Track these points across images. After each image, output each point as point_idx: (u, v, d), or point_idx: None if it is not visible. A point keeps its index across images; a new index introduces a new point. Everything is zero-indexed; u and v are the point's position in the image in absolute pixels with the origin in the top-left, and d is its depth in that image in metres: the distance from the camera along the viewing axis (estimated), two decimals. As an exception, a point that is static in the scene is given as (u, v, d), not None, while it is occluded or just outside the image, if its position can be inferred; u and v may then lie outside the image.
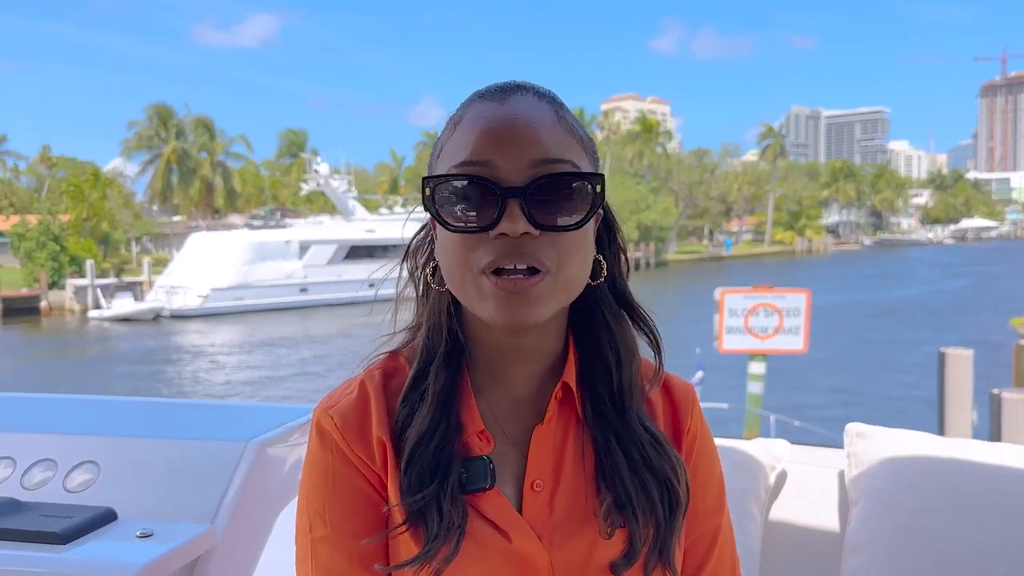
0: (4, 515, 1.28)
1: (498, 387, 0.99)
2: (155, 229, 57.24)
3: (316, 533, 0.96)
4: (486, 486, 0.93)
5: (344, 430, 0.96)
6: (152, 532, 1.27)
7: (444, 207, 0.90)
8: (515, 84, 0.96)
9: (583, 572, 0.93)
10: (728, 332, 11.58)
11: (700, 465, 1.04)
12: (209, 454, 1.42)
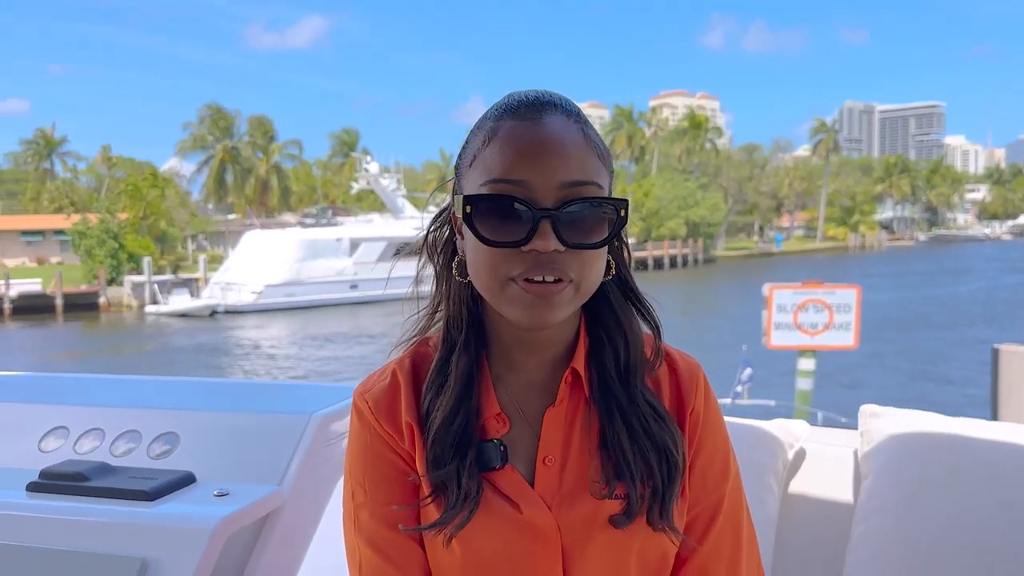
0: (99, 477, 1.44)
1: (514, 374, 1.11)
2: (210, 227, 58.36)
3: (357, 500, 1.11)
4: (496, 466, 1.06)
5: (376, 412, 1.10)
6: (227, 492, 1.42)
7: (480, 221, 1.00)
8: (545, 100, 1.03)
9: (588, 531, 1.04)
10: (777, 328, 11.53)
11: (706, 440, 1.12)
12: (277, 425, 1.56)
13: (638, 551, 1.06)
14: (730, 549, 1.12)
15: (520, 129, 1.00)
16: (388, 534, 1.08)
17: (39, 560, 1.31)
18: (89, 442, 1.62)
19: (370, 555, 1.09)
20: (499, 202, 0.99)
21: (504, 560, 1.04)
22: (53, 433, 1.65)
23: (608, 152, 1.06)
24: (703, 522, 1.11)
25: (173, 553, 1.28)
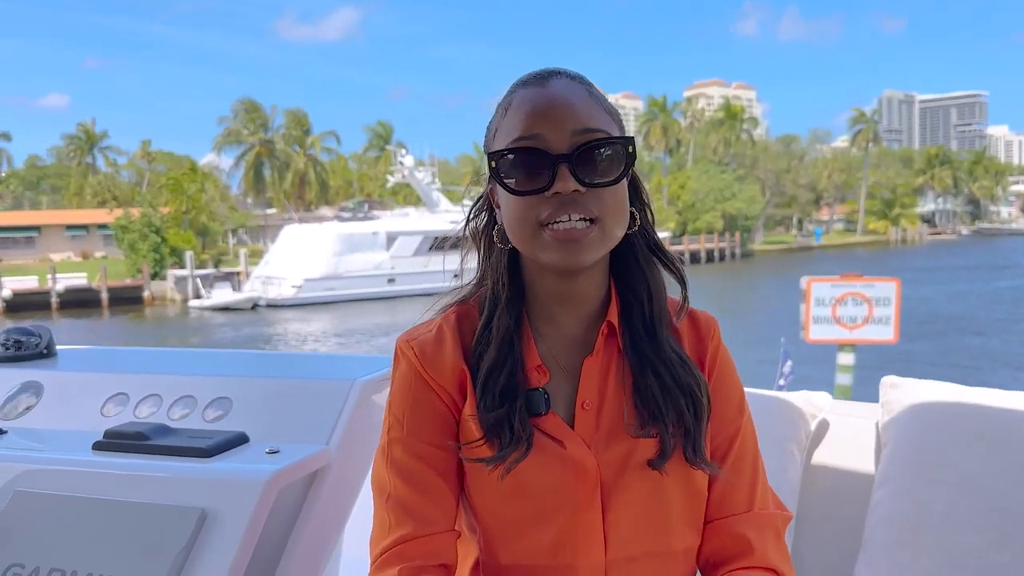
0: (159, 436, 1.55)
1: (552, 329, 1.22)
2: (250, 221, 59.17)
3: (392, 434, 1.21)
4: (542, 412, 1.16)
5: (421, 358, 1.21)
6: (279, 450, 1.51)
7: (507, 176, 1.12)
8: (550, 70, 1.17)
9: (624, 470, 1.16)
10: (815, 322, 11.46)
11: (721, 381, 1.24)
12: (323, 390, 1.66)
13: (675, 487, 1.17)
14: (749, 472, 1.24)
15: (531, 93, 1.13)
16: (422, 468, 1.18)
17: (107, 510, 1.41)
18: (147, 407, 1.73)
19: (401, 485, 1.17)
20: (519, 154, 1.10)
21: (549, 492, 1.14)
22: (113, 399, 1.76)
23: (615, 110, 1.18)
24: (722, 450, 1.22)
25: (230, 504, 1.38)
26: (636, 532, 1.16)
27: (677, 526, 1.18)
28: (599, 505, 1.15)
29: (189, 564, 1.32)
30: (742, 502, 1.22)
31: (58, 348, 2.05)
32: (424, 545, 1.15)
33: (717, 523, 1.21)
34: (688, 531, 1.20)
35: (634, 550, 1.17)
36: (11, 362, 1.96)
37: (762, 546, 1.19)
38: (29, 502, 1.46)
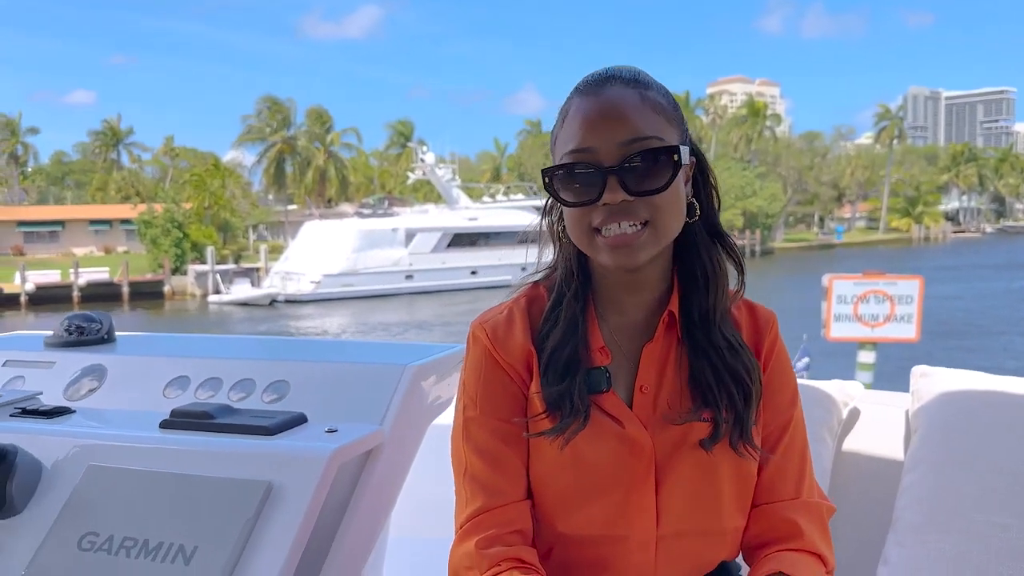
0: (223, 416, 1.63)
1: (616, 314, 1.29)
2: (271, 217, 59.58)
3: (468, 413, 1.29)
4: (604, 389, 1.24)
5: (493, 339, 1.29)
6: (336, 429, 1.59)
7: (560, 188, 1.20)
8: (607, 75, 1.21)
9: (677, 450, 1.23)
10: (836, 320, 11.43)
11: (776, 373, 1.31)
12: (376, 374, 1.73)
13: (726, 469, 1.24)
14: (797, 461, 1.30)
15: (584, 104, 1.19)
16: (494, 444, 1.26)
17: (177, 483, 1.50)
18: (207, 390, 1.81)
19: (476, 461, 1.26)
20: (569, 169, 1.18)
21: (606, 466, 1.22)
22: (175, 382, 1.85)
23: (672, 105, 1.22)
24: (774, 438, 1.29)
25: (294, 478, 1.45)
26: (687, 509, 1.24)
27: (727, 506, 1.25)
28: (653, 482, 1.23)
29: (256, 534, 1.40)
30: (790, 489, 1.28)
31: (117, 335, 2.15)
32: (498, 516, 1.24)
33: (764, 507, 1.28)
34: (736, 512, 1.27)
35: (685, 526, 1.24)
36: (74, 347, 2.05)
37: (809, 532, 1.26)
38: (102, 475, 1.55)
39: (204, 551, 1.39)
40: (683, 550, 1.25)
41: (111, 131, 70.90)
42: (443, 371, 1.83)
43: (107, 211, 57.89)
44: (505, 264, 40.11)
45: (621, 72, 1.21)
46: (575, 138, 1.17)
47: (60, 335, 2.10)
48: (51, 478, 1.58)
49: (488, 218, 41.52)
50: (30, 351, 2.05)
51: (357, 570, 1.60)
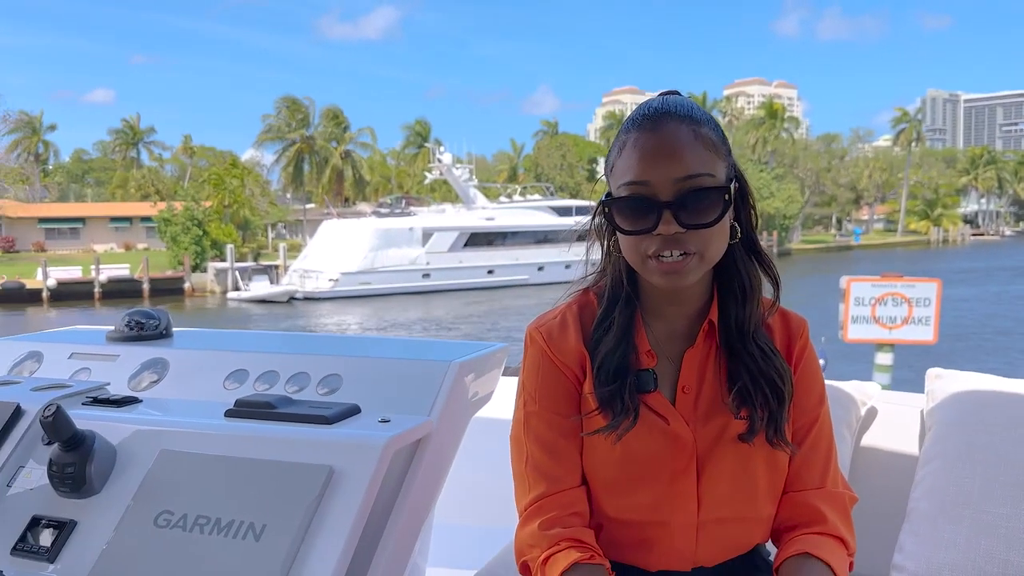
0: (284, 406, 1.75)
1: (660, 322, 1.41)
2: (289, 216, 59.94)
3: (528, 408, 1.42)
4: (651, 389, 1.36)
5: (548, 341, 1.42)
6: (389, 419, 1.71)
7: (618, 218, 1.30)
8: (663, 110, 1.30)
9: (717, 445, 1.36)
10: (854, 322, 11.48)
11: (805, 375, 1.43)
12: (424, 369, 1.85)
13: (760, 462, 1.36)
14: (824, 454, 1.43)
15: (642, 139, 1.29)
16: (552, 435, 1.39)
17: (244, 467, 1.62)
18: (265, 383, 1.93)
19: (537, 451, 1.40)
20: (628, 202, 1.29)
21: (652, 458, 1.35)
22: (234, 375, 1.97)
23: (721, 140, 1.33)
24: (802, 433, 1.41)
25: (353, 463, 1.57)
26: (726, 498, 1.36)
27: (761, 495, 1.38)
28: (695, 473, 1.35)
29: (319, 514, 1.52)
30: (816, 479, 1.41)
31: (174, 330, 2.28)
32: (558, 500, 1.37)
33: (792, 495, 1.40)
34: (769, 501, 1.39)
35: (723, 513, 1.37)
36: (135, 341, 2.18)
37: (833, 518, 1.38)
38: (173, 459, 1.67)
39: (273, 528, 1.51)
40: (721, 534, 1.38)
41: (131, 129, 71.62)
42: (484, 368, 1.95)
43: (127, 208, 58.49)
44: (521, 264, 40.21)
45: (676, 107, 1.31)
46: (632, 171, 1.28)
47: (121, 330, 2.23)
48: (125, 462, 1.71)
49: (505, 218, 41.67)
50: (94, 344, 2.19)
51: (407, 552, 1.71)
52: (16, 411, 1.83)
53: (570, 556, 1.32)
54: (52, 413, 1.61)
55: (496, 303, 34.53)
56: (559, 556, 1.33)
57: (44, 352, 2.19)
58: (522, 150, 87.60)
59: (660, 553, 1.39)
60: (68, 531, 1.63)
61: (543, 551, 1.34)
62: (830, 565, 1.31)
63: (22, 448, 1.78)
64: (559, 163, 74.90)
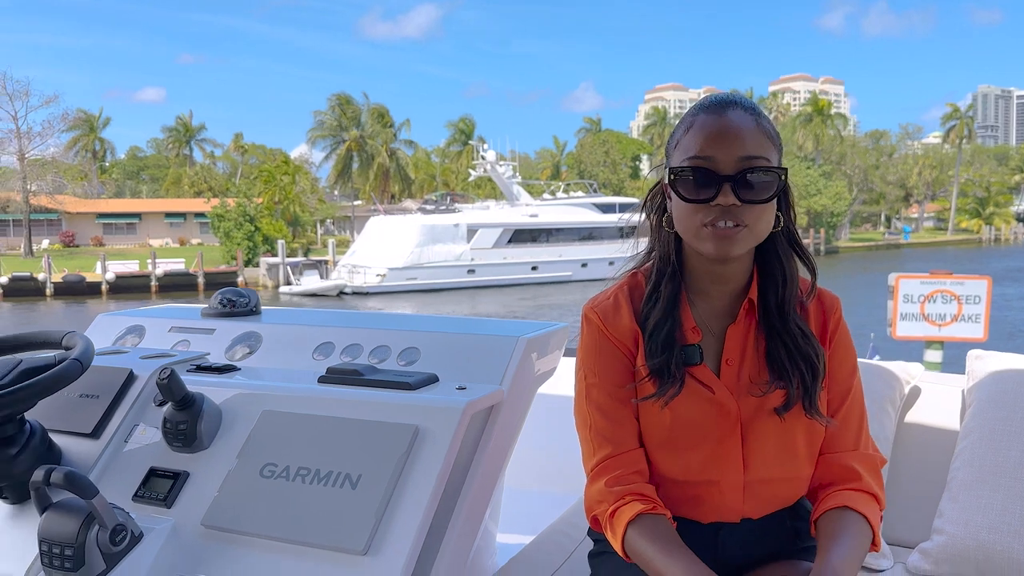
0: (370, 374, 1.93)
1: (704, 300, 1.55)
2: (337, 212, 60.81)
3: (588, 380, 1.58)
4: (698, 362, 1.51)
5: (603, 319, 1.57)
6: (466, 387, 1.88)
7: (680, 186, 1.45)
8: (729, 100, 1.45)
9: (757, 414, 1.50)
10: (903, 319, 11.39)
11: (839, 347, 1.56)
12: (495, 343, 2.01)
13: (799, 427, 1.51)
14: (856, 420, 1.57)
15: (709, 120, 1.44)
16: (611, 403, 1.55)
17: (338, 426, 1.80)
18: (349, 354, 2.12)
19: (599, 417, 1.55)
20: (693, 172, 1.43)
21: (699, 424, 1.50)
22: (321, 348, 2.15)
23: (777, 135, 1.48)
24: (835, 404, 1.55)
25: (436, 424, 1.74)
26: (769, 460, 1.51)
27: (801, 458, 1.53)
28: (739, 438, 1.50)
29: (407, 467, 1.70)
30: (849, 442, 1.55)
31: (262, 308, 2.48)
32: (620, 460, 1.53)
33: (827, 456, 1.55)
34: (808, 462, 1.54)
35: (767, 474, 1.52)
36: (228, 317, 2.38)
37: (866, 476, 1.53)
38: (274, 419, 1.86)
39: (367, 479, 1.69)
40: (766, 492, 1.53)
41: (184, 127, 73.16)
42: (548, 344, 2.11)
43: (181, 204, 59.89)
44: (565, 260, 40.24)
45: (740, 99, 1.46)
46: (698, 146, 1.42)
47: (215, 307, 2.44)
48: (231, 421, 1.90)
49: (548, 215, 41.75)
50: (191, 320, 2.39)
51: (481, 512, 1.87)
52: (129, 376, 2.04)
53: (635, 508, 1.47)
54: (167, 376, 1.81)
55: (540, 299, 34.66)
56: (625, 508, 1.48)
57: (145, 326, 2.41)
58: (565, 147, 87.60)
59: (711, 508, 1.54)
60: (182, 481, 1.83)
61: (610, 505, 1.50)
62: (866, 517, 1.46)
63: (136, 409, 1.99)
64: (602, 160, 74.69)
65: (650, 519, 1.46)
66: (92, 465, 1.89)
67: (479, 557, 1.98)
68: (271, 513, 1.70)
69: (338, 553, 1.62)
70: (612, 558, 1.58)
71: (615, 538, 1.49)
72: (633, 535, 1.45)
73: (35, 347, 1.99)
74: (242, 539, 1.70)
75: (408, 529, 1.62)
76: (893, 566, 1.96)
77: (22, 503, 1.88)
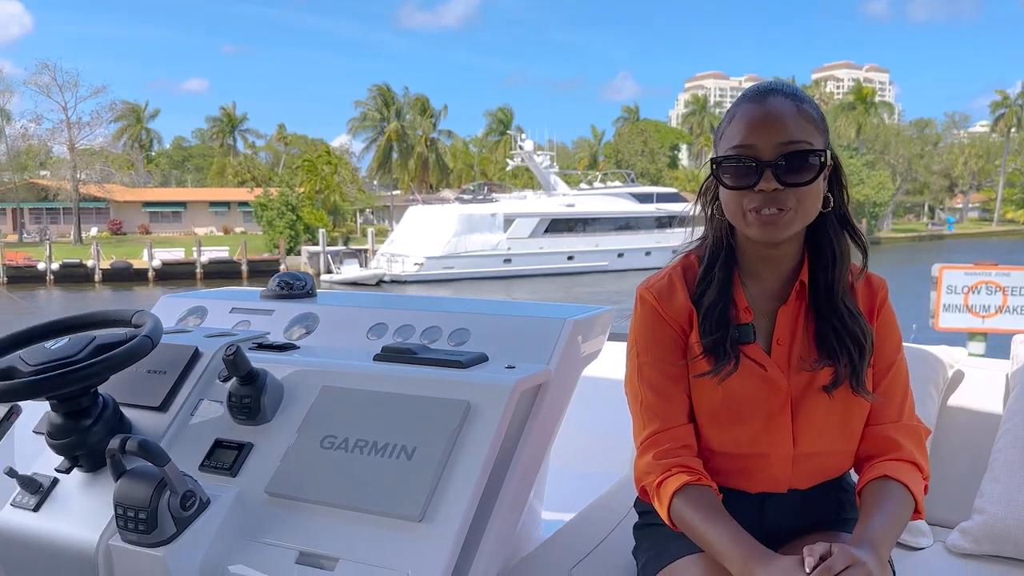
0: (423, 352, 2.00)
1: (756, 281, 1.61)
2: (376, 202, 61.29)
3: (641, 358, 1.64)
4: (751, 340, 1.57)
5: (658, 299, 1.64)
6: (515, 366, 1.94)
7: (724, 175, 1.51)
8: (770, 88, 1.50)
9: (807, 391, 1.56)
10: (945, 310, 11.25)
11: (883, 326, 1.62)
12: (543, 324, 2.07)
13: (846, 403, 1.56)
14: (900, 394, 1.62)
15: (750, 109, 1.50)
16: (662, 380, 1.62)
17: (394, 401, 1.88)
18: (402, 335, 2.20)
19: (650, 394, 1.62)
20: (734, 160, 1.49)
21: (750, 400, 1.57)
22: (375, 328, 2.24)
23: (820, 117, 1.52)
24: (882, 375, 1.61)
25: (487, 400, 1.81)
26: (817, 434, 1.57)
27: (848, 432, 1.59)
28: (789, 413, 1.56)
29: (459, 441, 1.77)
30: (893, 414, 1.60)
31: (317, 291, 2.57)
32: (669, 435, 1.60)
33: (872, 428, 1.60)
34: (855, 437, 1.60)
35: (816, 447, 1.58)
36: (285, 299, 2.48)
37: (909, 447, 1.58)
38: (333, 394, 1.95)
39: (422, 450, 1.77)
40: (814, 465, 1.60)
41: (227, 118, 74.19)
42: (593, 327, 2.16)
43: (225, 194, 60.85)
44: (601, 250, 40.13)
45: (782, 86, 1.52)
46: (739, 136, 1.48)
47: (273, 289, 2.54)
48: (291, 395, 1.99)
49: (585, 205, 41.66)
50: (250, 301, 2.50)
51: (529, 484, 1.94)
52: (195, 353, 2.14)
53: (681, 479, 1.54)
54: (233, 352, 1.91)
55: (576, 289, 34.61)
56: (671, 479, 1.55)
57: (207, 307, 2.52)
58: (602, 137, 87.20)
59: (759, 479, 1.61)
60: (246, 452, 1.93)
61: (657, 476, 1.57)
62: (908, 486, 1.51)
63: (201, 384, 2.10)
64: (640, 149, 74.25)
65: (696, 489, 1.53)
66: (160, 437, 1.99)
67: (525, 529, 2.05)
68: (331, 482, 1.79)
69: (395, 520, 1.70)
70: (658, 529, 1.65)
71: (662, 507, 1.56)
72: (679, 504, 1.52)
73: (107, 325, 2.10)
74: (304, 506, 1.79)
75: (461, 498, 1.70)
76: (933, 544, 2.00)
77: (96, 471, 1.99)
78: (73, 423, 1.92)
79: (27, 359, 1.87)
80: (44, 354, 1.88)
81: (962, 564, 1.92)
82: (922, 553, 1.97)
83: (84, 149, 53.37)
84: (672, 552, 1.59)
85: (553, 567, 1.78)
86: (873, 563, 1.30)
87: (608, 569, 1.77)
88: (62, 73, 53.90)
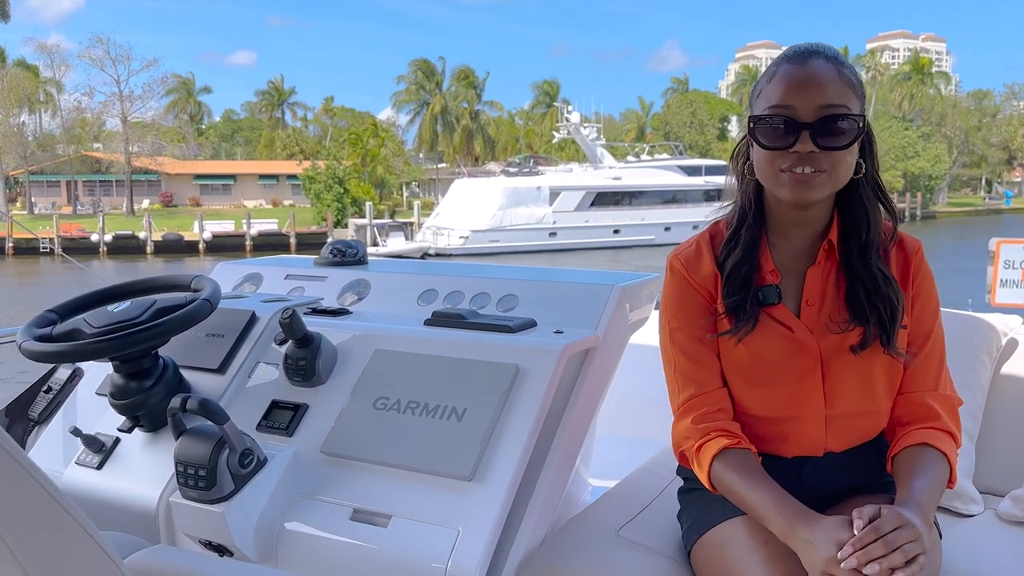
0: (472, 317, 2.04)
1: (784, 243, 1.61)
2: (422, 175, 61.57)
3: (672, 325, 1.66)
4: (775, 302, 1.58)
5: (687, 267, 1.65)
6: (563, 331, 1.97)
7: (760, 134, 1.50)
8: (812, 49, 1.49)
9: (837, 352, 1.56)
10: (1002, 285, 10.98)
11: (921, 289, 1.61)
12: (591, 290, 2.10)
13: (878, 364, 1.57)
14: (937, 362, 1.62)
15: (791, 70, 1.49)
16: (693, 345, 1.64)
17: (444, 364, 1.92)
18: (451, 301, 2.24)
19: (683, 359, 1.64)
20: (772, 120, 1.49)
21: (778, 362, 1.58)
22: (425, 294, 2.28)
23: (859, 83, 1.51)
24: (919, 341, 1.60)
25: (536, 364, 1.85)
26: (849, 395, 1.57)
27: (881, 393, 1.58)
28: (820, 374, 1.57)
29: (509, 403, 1.81)
30: (930, 382, 1.60)
31: (369, 259, 2.62)
32: (705, 399, 1.62)
33: (907, 395, 1.60)
34: (887, 397, 1.60)
35: (848, 408, 1.58)
36: (338, 266, 2.54)
37: (945, 416, 1.58)
38: (385, 357, 2.00)
39: (472, 412, 1.81)
40: (847, 426, 1.60)
41: (276, 91, 74.96)
42: (640, 294, 2.18)
43: (274, 167, 61.62)
44: (648, 224, 39.82)
45: (824, 49, 1.51)
46: (779, 95, 1.48)
47: (326, 257, 2.59)
48: (345, 358, 2.05)
49: (631, 177, 41.33)
50: (304, 268, 2.56)
51: (576, 447, 1.97)
52: (252, 317, 2.21)
53: (720, 443, 1.56)
54: (289, 316, 1.97)
55: (622, 263, 34.41)
56: (710, 444, 1.57)
57: (263, 274, 2.58)
58: (650, 108, 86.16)
59: (795, 443, 1.62)
60: (302, 412, 2.00)
61: (696, 441, 1.59)
62: (946, 455, 1.51)
63: (258, 347, 2.16)
64: (688, 121, 73.21)
65: (735, 453, 1.55)
66: (219, 397, 2.06)
67: (572, 493, 2.09)
68: (384, 442, 1.85)
69: (446, 479, 1.75)
70: (701, 493, 1.67)
71: (702, 471, 1.58)
72: (719, 468, 1.54)
73: (167, 289, 2.18)
74: (358, 465, 1.85)
75: (510, 459, 1.74)
76: (983, 512, 1.99)
77: (156, 431, 2.07)
78: (135, 384, 2.00)
79: (91, 321, 1.94)
80: (107, 316, 1.95)
81: (1013, 531, 1.91)
82: (972, 520, 1.96)
83: (136, 122, 54.32)
84: (715, 516, 1.61)
85: (600, 528, 1.82)
86: (920, 524, 1.31)
87: (655, 531, 1.80)
88: (115, 46, 54.78)
